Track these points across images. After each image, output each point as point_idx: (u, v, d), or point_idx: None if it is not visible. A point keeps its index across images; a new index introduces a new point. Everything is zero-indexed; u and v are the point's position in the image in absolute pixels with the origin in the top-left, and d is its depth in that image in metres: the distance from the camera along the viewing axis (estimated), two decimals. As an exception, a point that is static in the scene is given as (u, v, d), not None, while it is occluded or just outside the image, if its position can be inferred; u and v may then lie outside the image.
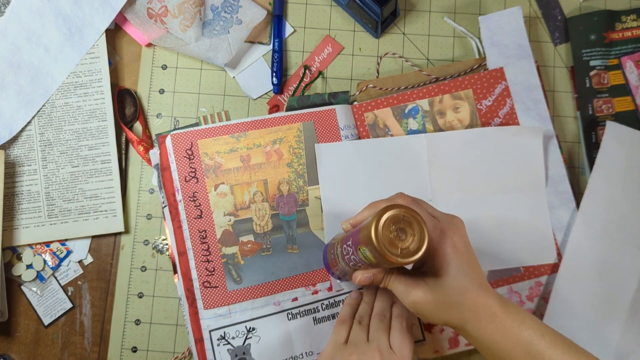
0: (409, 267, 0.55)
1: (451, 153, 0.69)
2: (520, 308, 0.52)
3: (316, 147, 0.68)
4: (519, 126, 0.70)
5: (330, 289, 0.67)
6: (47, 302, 0.69)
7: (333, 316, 0.66)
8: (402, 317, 0.60)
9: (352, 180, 0.68)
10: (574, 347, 0.50)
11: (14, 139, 0.70)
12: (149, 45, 0.74)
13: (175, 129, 0.72)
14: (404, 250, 0.47)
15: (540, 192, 0.68)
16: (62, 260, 0.70)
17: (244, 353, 0.64)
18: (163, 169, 0.67)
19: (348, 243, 0.53)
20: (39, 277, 0.69)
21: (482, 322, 0.51)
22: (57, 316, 0.69)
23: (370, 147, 0.69)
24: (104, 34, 0.71)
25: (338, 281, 0.66)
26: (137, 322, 0.69)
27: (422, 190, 0.68)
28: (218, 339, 0.64)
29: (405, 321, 0.59)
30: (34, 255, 0.69)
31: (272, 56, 0.73)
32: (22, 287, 0.70)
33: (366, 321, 0.61)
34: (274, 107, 0.73)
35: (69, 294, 0.70)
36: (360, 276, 0.54)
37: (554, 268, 0.68)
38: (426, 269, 0.52)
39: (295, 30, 0.75)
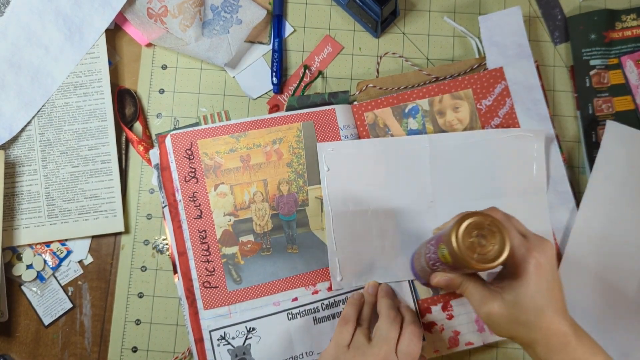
0: (487, 278, 0.56)
1: (453, 154, 0.69)
2: (594, 340, 0.51)
3: (318, 146, 0.68)
4: (522, 128, 0.69)
5: (330, 288, 0.67)
6: (47, 302, 0.69)
7: (333, 316, 0.66)
8: (411, 326, 0.59)
9: (354, 179, 0.68)
10: None
11: (14, 139, 0.70)
12: (149, 45, 0.74)
13: (175, 128, 0.72)
14: (481, 256, 0.47)
15: (541, 195, 0.68)
16: (62, 260, 0.70)
17: (244, 353, 0.64)
18: (163, 168, 0.67)
19: (431, 242, 0.54)
20: (39, 277, 0.69)
21: (553, 347, 0.50)
22: (57, 316, 0.69)
23: (372, 147, 0.69)
24: (104, 34, 0.71)
25: (423, 285, 0.66)
26: (137, 322, 0.69)
27: (424, 191, 0.68)
28: (218, 339, 0.64)
29: (414, 330, 0.59)
30: (34, 255, 0.69)
31: (272, 56, 0.73)
32: (22, 287, 0.70)
33: (367, 325, 0.61)
34: (274, 107, 0.73)
35: (69, 294, 0.70)
36: (439, 277, 0.55)
37: (554, 268, 0.68)
38: (505, 285, 0.52)
39: (295, 30, 0.75)
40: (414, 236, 0.67)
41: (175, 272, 0.66)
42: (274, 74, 0.72)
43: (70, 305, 0.70)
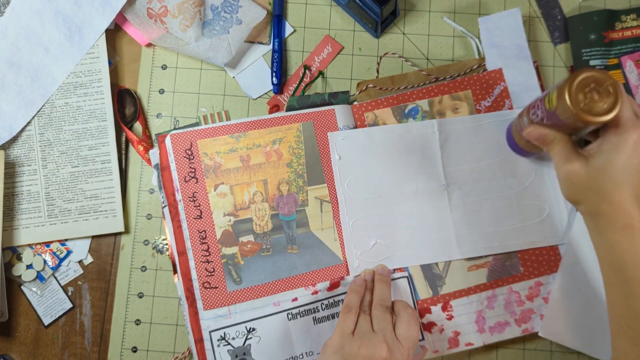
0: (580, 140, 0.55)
1: (462, 137, 0.69)
2: None
3: (329, 136, 0.69)
4: None
5: (330, 288, 0.67)
6: (47, 302, 0.69)
7: (333, 316, 0.66)
8: (409, 309, 0.61)
9: (365, 166, 0.68)
10: None
11: (14, 139, 0.70)
12: (149, 45, 0.74)
13: (175, 128, 0.72)
14: (589, 106, 0.47)
15: (551, 171, 0.68)
16: (62, 260, 0.70)
17: (244, 354, 0.64)
18: (163, 168, 0.67)
19: (540, 95, 0.54)
20: (39, 277, 0.69)
21: (616, 223, 0.50)
22: (57, 316, 0.69)
23: (382, 134, 0.69)
24: (104, 34, 0.71)
25: (516, 153, 0.68)
26: (137, 322, 0.69)
27: (435, 175, 0.68)
28: (218, 340, 0.64)
29: (412, 313, 0.60)
30: (34, 255, 0.69)
31: (272, 56, 0.73)
32: (22, 287, 0.70)
33: (369, 311, 0.62)
34: (274, 107, 0.73)
35: (69, 294, 0.70)
36: (533, 128, 0.55)
37: (554, 268, 0.68)
38: (596, 150, 0.51)
39: (295, 30, 0.75)
40: (428, 220, 0.68)
41: (175, 272, 0.66)
42: (274, 74, 0.72)
43: (70, 305, 0.70)
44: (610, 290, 0.52)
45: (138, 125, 0.73)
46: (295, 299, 0.66)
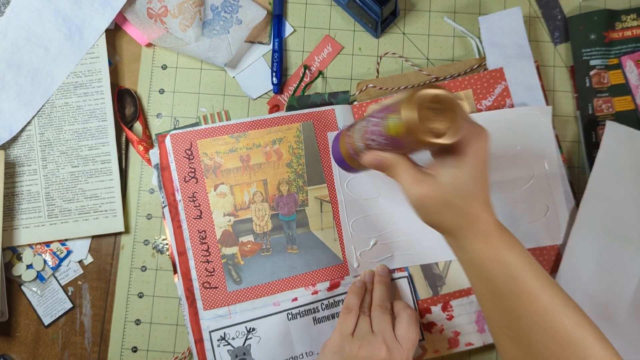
0: (419, 160, 0.52)
1: None
2: (514, 237, 0.50)
3: (329, 136, 0.69)
4: (527, 107, 0.70)
5: (330, 288, 0.67)
6: (47, 302, 0.69)
7: (333, 316, 0.66)
8: (408, 310, 0.61)
9: None
10: (557, 287, 0.49)
11: (14, 139, 0.70)
12: (149, 45, 0.74)
13: (174, 128, 0.72)
14: (433, 128, 0.44)
15: (553, 168, 0.68)
16: (62, 260, 0.70)
17: (244, 354, 0.64)
18: (163, 168, 0.67)
19: (376, 115, 0.49)
20: (39, 277, 0.69)
21: (475, 234, 0.49)
22: (57, 316, 0.69)
23: None
24: (104, 34, 0.71)
25: (344, 171, 0.62)
26: (137, 322, 0.69)
27: None
28: (218, 340, 0.64)
29: (412, 314, 0.61)
30: (34, 255, 0.69)
31: (272, 56, 0.73)
32: (22, 287, 0.70)
33: (369, 312, 0.62)
34: (274, 107, 0.73)
35: (69, 294, 0.70)
36: (371, 155, 0.51)
37: (554, 268, 0.68)
38: (439, 168, 0.49)
39: (295, 30, 0.75)
40: None
41: (175, 272, 0.66)
42: (274, 74, 0.72)
43: (70, 305, 0.70)
44: (481, 300, 0.52)
45: (138, 125, 0.73)
46: (295, 299, 0.66)
